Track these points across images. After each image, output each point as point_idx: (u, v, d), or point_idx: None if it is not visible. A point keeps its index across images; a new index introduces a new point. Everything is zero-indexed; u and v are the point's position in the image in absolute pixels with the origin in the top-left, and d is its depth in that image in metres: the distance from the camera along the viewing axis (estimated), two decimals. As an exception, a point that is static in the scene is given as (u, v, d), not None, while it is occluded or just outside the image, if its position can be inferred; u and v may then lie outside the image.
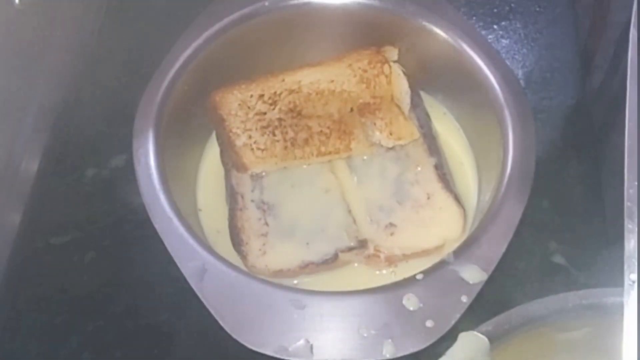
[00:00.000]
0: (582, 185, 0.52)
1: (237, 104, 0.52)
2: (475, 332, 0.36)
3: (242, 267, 0.47)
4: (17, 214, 0.54)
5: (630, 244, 0.36)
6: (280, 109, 0.52)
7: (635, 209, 0.37)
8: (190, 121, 0.52)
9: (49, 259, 0.51)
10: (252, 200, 0.49)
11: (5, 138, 0.54)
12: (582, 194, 0.52)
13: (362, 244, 0.47)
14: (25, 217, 0.54)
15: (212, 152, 0.54)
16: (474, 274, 0.42)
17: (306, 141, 0.50)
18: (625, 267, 0.36)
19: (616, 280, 0.48)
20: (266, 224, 0.48)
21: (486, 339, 0.36)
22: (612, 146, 0.56)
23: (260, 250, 0.48)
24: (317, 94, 0.52)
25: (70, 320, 0.48)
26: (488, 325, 0.36)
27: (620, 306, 0.35)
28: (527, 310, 0.37)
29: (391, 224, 0.48)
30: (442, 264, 0.43)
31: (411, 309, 0.41)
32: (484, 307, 0.43)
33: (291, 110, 0.52)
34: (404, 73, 0.53)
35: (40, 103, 0.57)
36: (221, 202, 0.51)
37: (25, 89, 0.57)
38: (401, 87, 0.52)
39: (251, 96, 0.52)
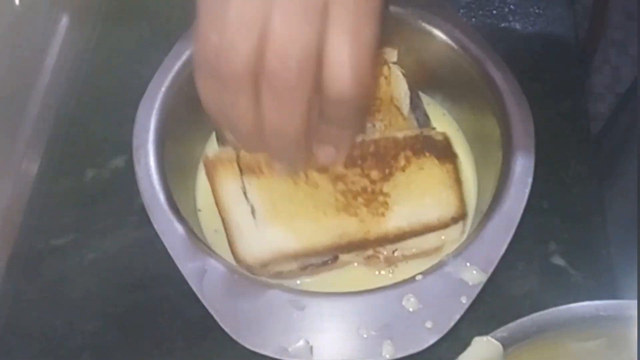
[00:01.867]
0: (581, 186, 0.52)
1: (237, 105, 0.52)
2: (489, 338, 0.36)
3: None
4: (18, 215, 0.54)
5: None
6: (280, 110, 0.52)
7: None
8: (190, 122, 0.52)
9: (49, 260, 0.51)
10: (252, 201, 0.49)
11: (5, 138, 0.54)
12: (581, 195, 0.52)
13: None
14: (26, 218, 0.54)
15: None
16: (473, 275, 0.42)
17: None
18: (638, 280, 0.36)
19: (615, 281, 0.48)
20: (266, 224, 0.48)
21: (500, 345, 0.35)
22: (612, 147, 0.56)
23: (260, 251, 0.47)
24: (316, 95, 0.52)
25: (70, 321, 0.48)
26: (502, 332, 0.36)
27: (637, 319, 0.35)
28: (543, 318, 0.36)
29: (391, 225, 0.48)
30: (441, 264, 0.43)
31: (411, 309, 0.41)
32: (484, 308, 0.43)
33: (291, 112, 0.51)
34: (403, 74, 0.53)
35: (40, 103, 0.57)
36: (221, 202, 0.51)
37: (25, 89, 0.57)
38: (400, 88, 0.52)
39: None
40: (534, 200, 0.45)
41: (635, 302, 0.36)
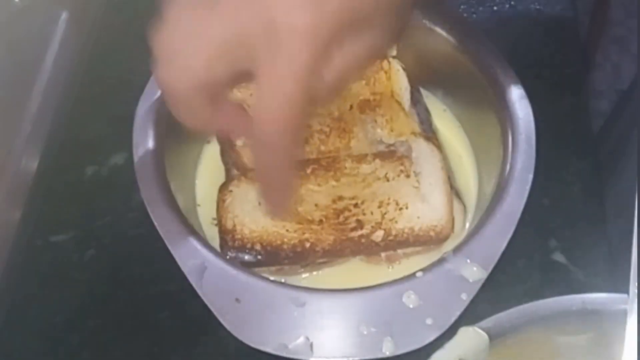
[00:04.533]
0: (582, 183, 0.52)
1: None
2: (475, 328, 0.36)
3: (242, 264, 0.47)
4: (17, 212, 0.54)
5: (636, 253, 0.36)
6: (279, 106, 0.52)
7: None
8: (190, 119, 0.52)
9: (49, 257, 0.51)
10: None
11: (4, 136, 0.54)
12: (582, 191, 0.52)
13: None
14: (25, 215, 0.54)
15: (211, 149, 0.54)
16: (473, 272, 0.42)
17: (306, 140, 0.50)
18: (631, 275, 0.36)
19: (616, 278, 0.48)
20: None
21: (486, 335, 0.36)
22: (613, 144, 0.56)
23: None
24: (316, 91, 0.52)
25: (70, 318, 0.48)
26: (488, 322, 0.36)
27: (625, 314, 0.35)
28: (529, 310, 0.36)
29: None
30: (442, 261, 0.43)
31: (411, 306, 0.41)
32: (484, 304, 0.43)
33: (291, 108, 0.51)
34: (403, 69, 0.53)
35: (40, 100, 0.57)
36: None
37: (25, 86, 0.57)
38: (400, 83, 0.52)
39: (251, 95, 0.52)
40: (535, 197, 0.45)
41: (623, 296, 0.36)
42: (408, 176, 0.48)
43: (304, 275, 0.47)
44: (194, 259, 0.43)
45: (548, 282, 0.48)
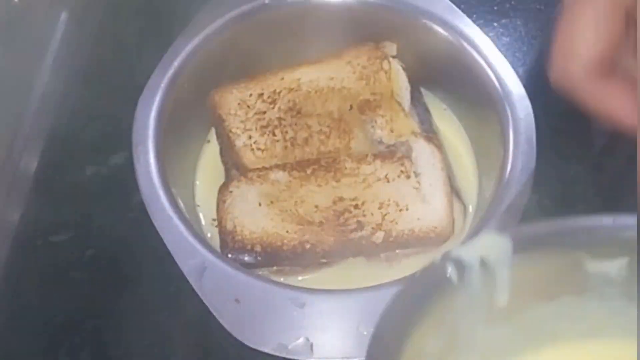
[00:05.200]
0: (582, 183, 0.52)
1: (236, 103, 0.52)
2: (499, 233, 0.33)
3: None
4: (17, 212, 0.54)
5: None
6: (279, 107, 0.51)
7: None
8: (190, 119, 0.52)
9: (49, 257, 0.51)
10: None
11: (4, 135, 0.54)
12: (582, 192, 0.52)
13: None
14: (25, 215, 0.54)
15: (210, 149, 0.54)
16: (473, 272, 0.42)
17: (306, 141, 0.50)
18: None
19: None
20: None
21: (509, 241, 0.33)
22: (612, 143, 0.56)
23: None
24: (316, 92, 0.52)
25: (69, 318, 0.48)
26: (513, 231, 0.34)
27: None
28: (555, 224, 0.33)
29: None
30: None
31: (411, 306, 0.41)
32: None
33: (291, 109, 0.51)
34: (403, 68, 0.53)
35: (40, 100, 0.57)
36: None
37: (25, 86, 0.57)
38: (401, 82, 0.52)
39: (250, 95, 0.52)
40: (535, 198, 0.45)
41: None
42: (408, 177, 0.48)
43: (303, 277, 0.47)
44: (193, 259, 0.43)
45: (548, 282, 0.48)
